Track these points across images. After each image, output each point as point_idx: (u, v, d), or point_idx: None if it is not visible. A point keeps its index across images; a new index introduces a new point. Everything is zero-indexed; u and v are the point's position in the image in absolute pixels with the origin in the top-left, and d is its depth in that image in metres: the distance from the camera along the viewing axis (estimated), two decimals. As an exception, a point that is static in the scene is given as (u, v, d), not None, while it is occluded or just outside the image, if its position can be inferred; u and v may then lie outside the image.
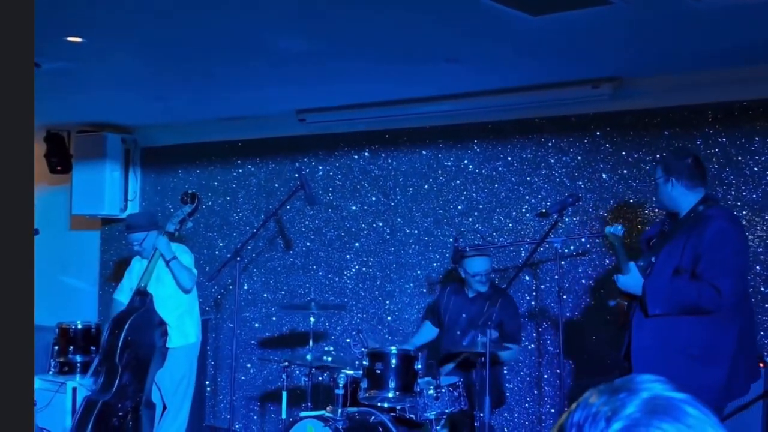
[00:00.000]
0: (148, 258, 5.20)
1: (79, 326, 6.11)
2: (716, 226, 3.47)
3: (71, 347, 5.96)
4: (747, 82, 4.45)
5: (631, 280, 3.56)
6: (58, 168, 7.11)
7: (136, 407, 5.03)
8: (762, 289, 4.39)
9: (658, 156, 4.75)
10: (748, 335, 3.64)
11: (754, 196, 4.48)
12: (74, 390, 5.70)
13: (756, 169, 4.48)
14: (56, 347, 6.00)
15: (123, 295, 5.40)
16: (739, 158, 4.53)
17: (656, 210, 4.65)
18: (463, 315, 4.85)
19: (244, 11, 3.52)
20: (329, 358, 4.69)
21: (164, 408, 5.24)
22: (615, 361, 4.87)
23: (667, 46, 4.05)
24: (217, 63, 4.57)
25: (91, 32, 3.95)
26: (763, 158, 4.46)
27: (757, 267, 4.42)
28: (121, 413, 4.97)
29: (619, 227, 3.57)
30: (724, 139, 4.58)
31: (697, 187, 3.66)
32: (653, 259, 3.57)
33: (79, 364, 5.92)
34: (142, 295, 5.13)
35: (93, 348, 5.90)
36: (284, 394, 4.96)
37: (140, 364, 5.08)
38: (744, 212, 4.49)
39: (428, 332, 5.16)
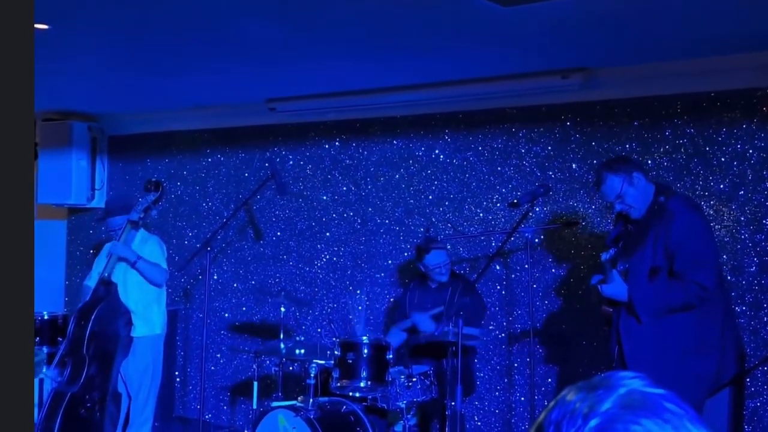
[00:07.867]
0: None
1: (46, 317, 6.03)
2: (682, 220, 3.51)
3: (38, 338, 5.87)
4: (715, 73, 4.49)
5: (616, 288, 3.59)
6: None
7: (102, 398, 4.98)
8: (729, 278, 4.45)
9: (627, 146, 4.79)
10: (729, 317, 3.73)
11: (722, 186, 4.54)
12: (41, 381, 5.63)
13: (723, 159, 4.54)
14: (22, 338, 5.92)
15: (93, 281, 5.34)
16: (707, 149, 4.58)
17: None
18: (429, 306, 4.85)
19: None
20: (301, 350, 4.67)
21: (129, 399, 5.19)
22: (584, 350, 4.92)
23: (635, 36, 4.07)
24: (185, 49, 4.51)
25: (57, 19, 3.88)
26: (730, 149, 4.52)
27: (724, 256, 4.48)
28: (88, 404, 4.92)
29: (612, 250, 3.61)
30: (692, 130, 4.63)
31: (647, 176, 3.74)
32: (629, 262, 3.60)
33: (46, 356, 5.84)
34: (106, 285, 5.06)
35: (60, 339, 5.82)
36: (255, 384, 4.94)
37: (106, 355, 5.02)
38: (711, 202, 4.55)
39: (398, 338, 5.03)
